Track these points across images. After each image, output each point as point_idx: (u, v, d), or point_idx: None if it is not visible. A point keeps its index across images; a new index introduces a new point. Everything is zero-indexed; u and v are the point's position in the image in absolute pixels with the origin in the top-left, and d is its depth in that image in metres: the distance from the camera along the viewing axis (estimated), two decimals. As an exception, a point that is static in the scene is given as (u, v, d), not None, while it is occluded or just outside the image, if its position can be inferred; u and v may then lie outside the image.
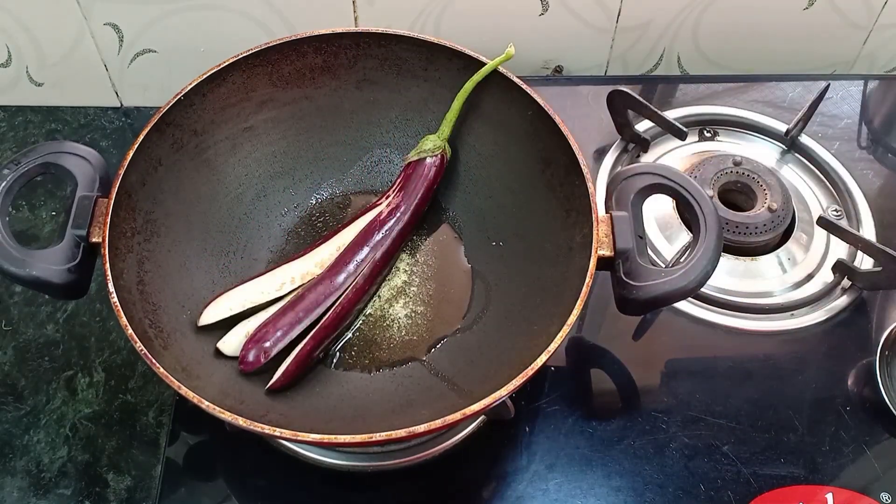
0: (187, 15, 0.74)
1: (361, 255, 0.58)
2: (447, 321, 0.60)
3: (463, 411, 0.46)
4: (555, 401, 0.61)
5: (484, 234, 0.63)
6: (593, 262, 0.51)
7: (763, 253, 0.69)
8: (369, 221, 0.60)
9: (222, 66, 0.59)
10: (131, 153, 0.54)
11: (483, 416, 0.59)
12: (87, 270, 0.53)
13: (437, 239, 0.64)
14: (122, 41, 0.76)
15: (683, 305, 0.66)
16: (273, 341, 0.55)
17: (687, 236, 0.69)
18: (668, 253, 0.68)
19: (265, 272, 0.59)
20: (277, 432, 0.45)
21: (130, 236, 0.54)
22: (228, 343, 0.55)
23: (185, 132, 0.59)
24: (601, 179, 0.73)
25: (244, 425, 0.45)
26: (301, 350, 0.54)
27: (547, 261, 0.57)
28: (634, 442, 0.59)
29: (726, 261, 0.68)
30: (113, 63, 0.78)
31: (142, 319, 0.51)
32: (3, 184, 0.52)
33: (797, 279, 0.68)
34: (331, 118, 0.65)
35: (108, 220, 0.51)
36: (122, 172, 0.53)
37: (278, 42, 0.60)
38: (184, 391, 0.46)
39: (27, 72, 0.78)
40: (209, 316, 0.56)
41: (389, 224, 0.60)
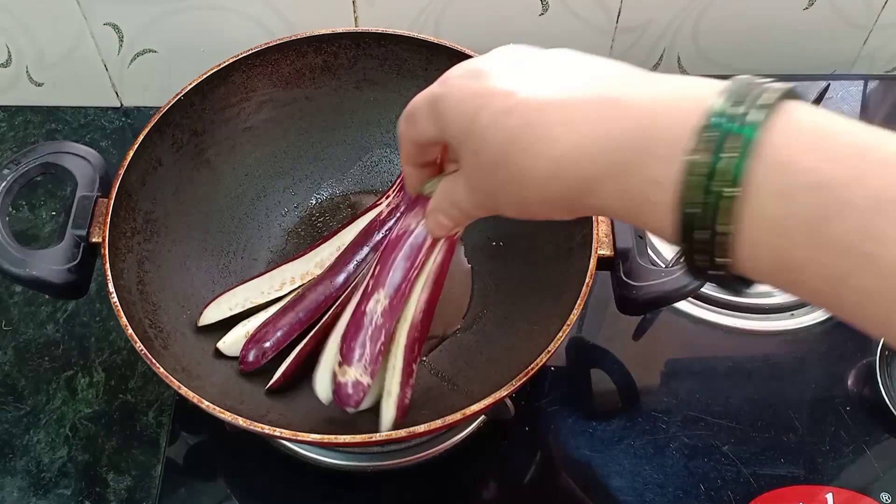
0: (187, 15, 0.74)
1: (361, 255, 0.58)
2: (447, 321, 0.60)
3: (463, 411, 0.46)
4: (555, 401, 0.61)
5: (484, 234, 0.63)
6: (593, 262, 0.51)
7: (763, 253, 0.69)
8: (369, 221, 0.60)
9: (222, 66, 0.59)
10: (131, 153, 0.54)
11: (483, 416, 0.59)
12: (87, 270, 0.53)
13: (437, 239, 0.64)
14: (122, 41, 0.76)
15: (683, 305, 0.66)
16: (273, 341, 0.55)
17: (687, 236, 0.69)
18: (668, 253, 0.68)
19: (265, 272, 0.59)
20: (277, 432, 0.45)
21: (130, 236, 0.54)
22: (228, 343, 0.55)
23: (185, 132, 0.59)
24: (601, 179, 0.73)
25: (244, 425, 0.45)
26: (301, 350, 0.54)
27: (547, 261, 0.57)
28: (634, 442, 0.59)
29: (726, 261, 0.68)
30: (113, 63, 0.78)
31: (142, 319, 0.51)
32: (3, 184, 0.52)
33: (797, 279, 0.68)
34: (331, 118, 0.65)
35: (108, 220, 0.51)
36: (122, 172, 0.53)
37: (278, 42, 0.60)
38: (184, 391, 0.46)
39: (27, 72, 0.78)
40: (209, 316, 0.56)
41: (389, 224, 0.59)
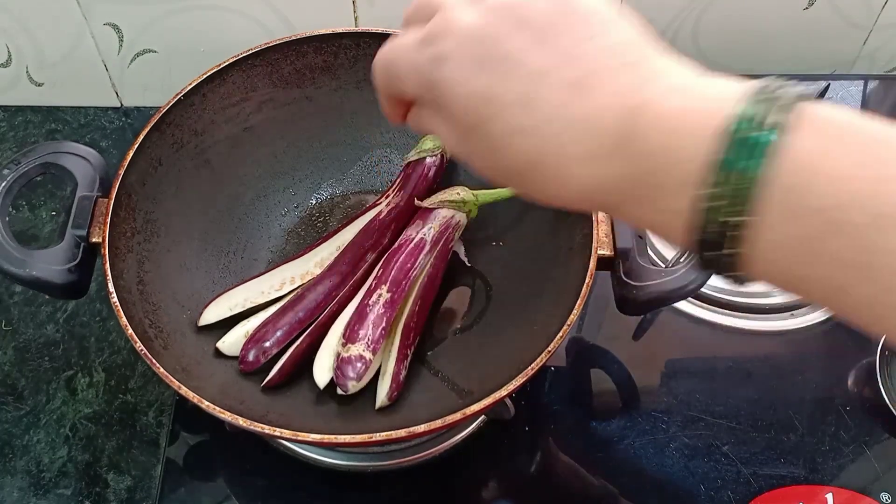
0: (187, 15, 0.74)
1: (361, 255, 0.58)
2: (447, 321, 0.60)
3: (463, 411, 0.46)
4: (555, 401, 0.61)
5: (484, 234, 0.63)
6: (593, 262, 0.51)
7: (763, 253, 0.69)
8: (369, 221, 0.60)
9: (222, 66, 0.59)
10: (131, 153, 0.54)
11: (483, 416, 0.59)
12: (87, 270, 0.53)
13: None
14: (122, 41, 0.76)
15: (683, 305, 0.66)
16: (273, 341, 0.55)
17: (687, 236, 0.69)
18: (669, 253, 0.68)
19: (265, 272, 0.59)
20: (277, 432, 0.45)
21: (130, 236, 0.54)
22: (228, 343, 0.55)
23: (186, 132, 0.59)
24: (601, 179, 0.73)
25: (244, 425, 0.45)
26: (297, 348, 0.54)
27: (547, 261, 0.57)
28: (634, 442, 0.59)
29: (726, 261, 0.68)
30: (113, 63, 0.78)
31: (142, 319, 0.51)
32: (3, 184, 0.52)
33: (797, 279, 0.68)
34: (331, 118, 0.65)
35: (108, 220, 0.51)
36: (122, 172, 0.53)
37: (278, 42, 0.60)
38: (184, 391, 0.46)
39: (27, 72, 0.78)
40: (209, 316, 0.56)
41: (389, 223, 0.60)
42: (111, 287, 0.49)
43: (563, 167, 0.29)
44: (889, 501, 0.56)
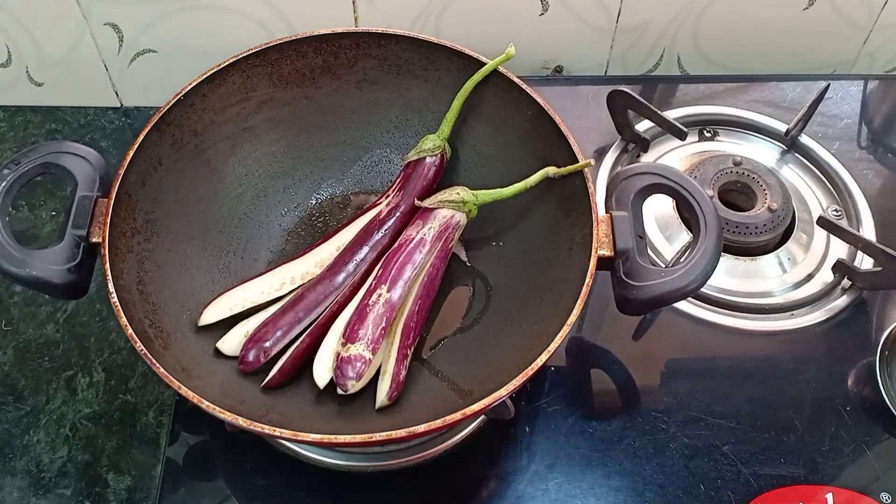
0: (187, 15, 0.74)
1: (361, 255, 0.58)
2: (447, 321, 0.60)
3: (463, 411, 0.46)
4: (555, 401, 0.61)
5: (484, 234, 0.63)
6: (593, 262, 0.51)
7: (763, 253, 0.69)
8: (369, 221, 0.60)
9: (222, 66, 0.59)
10: (131, 153, 0.54)
11: (483, 416, 0.59)
12: (87, 270, 0.53)
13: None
14: (122, 41, 0.76)
15: (683, 305, 0.66)
16: (273, 341, 0.55)
17: (687, 236, 0.69)
18: (668, 253, 0.68)
19: (265, 272, 0.59)
20: (277, 432, 0.45)
21: (130, 236, 0.54)
22: (228, 343, 0.55)
23: (185, 132, 0.59)
24: (601, 179, 0.73)
25: (244, 425, 0.45)
26: (297, 348, 0.54)
27: (547, 261, 0.57)
28: (634, 442, 0.59)
29: (726, 261, 0.68)
30: (113, 63, 0.78)
31: (142, 319, 0.51)
32: (3, 184, 0.52)
33: (797, 279, 0.68)
34: (331, 118, 0.65)
35: (108, 220, 0.51)
36: (122, 172, 0.53)
37: (278, 42, 0.60)
38: (184, 391, 0.46)
39: (27, 72, 0.78)
40: (209, 316, 0.56)
41: (389, 223, 0.60)
42: (111, 287, 0.49)
43: None
44: (889, 501, 0.56)
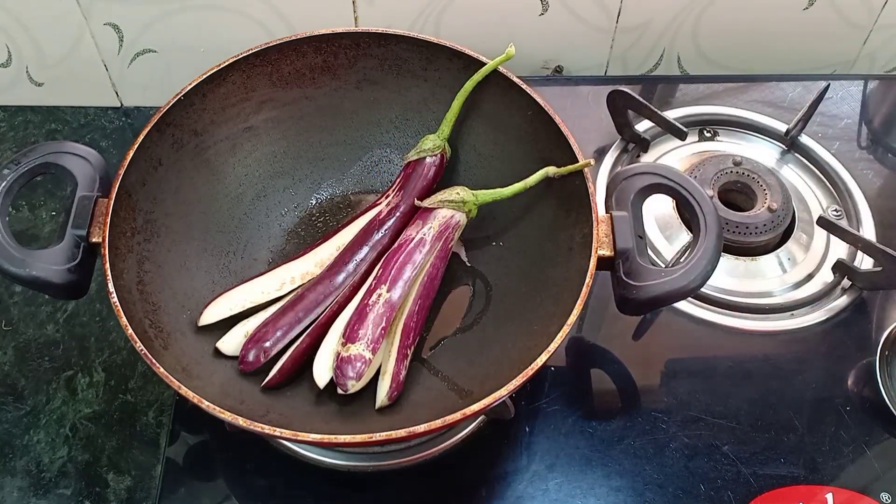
0: (187, 15, 0.74)
1: (361, 255, 0.58)
2: (447, 321, 0.60)
3: (463, 411, 0.46)
4: (555, 401, 0.61)
5: (484, 234, 0.63)
6: (593, 262, 0.51)
7: (763, 253, 0.69)
8: (369, 221, 0.60)
9: (222, 66, 0.59)
10: (131, 153, 0.54)
11: (483, 416, 0.59)
12: (87, 270, 0.53)
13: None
14: (122, 41, 0.76)
15: (683, 305, 0.66)
16: (273, 341, 0.55)
17: (687, 236, 0.69)
18: (668, 253, 0.68)
19: (265, 272, 0.59)
20: (277, 432, 0.45)
21: (130, 236, 0.54)
22: (228, 343, 0.55)
23: (185, 132, 0.59)
24: (601, 179, 0.73)
25: (244, 425, 0.45)
26: (297, 348, 0.54)
27: (547, 261, 0.57)
28: (634, 442, 0.59)
29: (726, 261, 0.68)
30: (113, 63, 0.78)
31: (142, 319, 0.51)
32: (3, 184, 0.52)
33: (797, 279, 0.68)
34: (331, 118, 0.65)
35: (108, 220, 0.51)
36: (122, 172, 0.53)
37: (278, 42, 0.60)
38: (184, 391, 0.46)
39: (27, 72, 0.78)
40: (209, 316, 0.56)
41: (389, 223, 0.60)
42: (111, 287, 0.49)
43: None
44: (889, 501, 0.56)
